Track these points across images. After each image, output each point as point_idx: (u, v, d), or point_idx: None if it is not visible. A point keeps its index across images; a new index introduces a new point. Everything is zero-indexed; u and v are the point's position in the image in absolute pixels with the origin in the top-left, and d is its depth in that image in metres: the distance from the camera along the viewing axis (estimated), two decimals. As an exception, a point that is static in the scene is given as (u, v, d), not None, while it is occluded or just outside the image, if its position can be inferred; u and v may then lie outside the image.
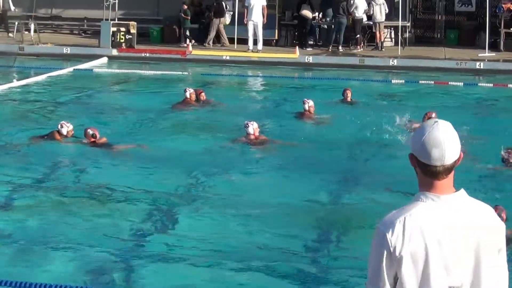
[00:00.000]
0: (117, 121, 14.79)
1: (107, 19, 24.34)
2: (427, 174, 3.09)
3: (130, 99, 17.53)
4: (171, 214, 9.47)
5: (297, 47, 23.29)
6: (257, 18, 23.28)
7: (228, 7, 24.78)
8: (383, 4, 23.75)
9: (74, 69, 21.12)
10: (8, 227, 8.81)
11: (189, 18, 25.16)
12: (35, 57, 23.07)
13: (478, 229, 3.05)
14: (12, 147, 12.57)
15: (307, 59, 22.56)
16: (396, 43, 24.08)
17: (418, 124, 12.92)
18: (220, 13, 24.55)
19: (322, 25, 25.52)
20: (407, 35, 25.29)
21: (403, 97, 18.14)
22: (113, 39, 23.39)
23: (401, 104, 17.07)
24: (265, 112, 16.18)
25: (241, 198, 10.05)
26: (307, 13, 24.61)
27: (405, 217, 3.04)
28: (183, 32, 25.33)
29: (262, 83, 20.94)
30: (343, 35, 23.97)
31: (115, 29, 23.53)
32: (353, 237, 8.64)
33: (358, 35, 24.07)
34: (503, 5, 23.61)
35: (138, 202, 9.80)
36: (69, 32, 28.38)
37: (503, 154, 11.20)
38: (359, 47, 24.00)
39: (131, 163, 11.63)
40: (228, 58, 22.79)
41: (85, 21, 27.93)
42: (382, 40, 24.20)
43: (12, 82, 19.08)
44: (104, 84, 19.81)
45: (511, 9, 23.71)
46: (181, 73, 20.89)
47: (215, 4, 24.63)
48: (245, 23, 23.39)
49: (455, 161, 3.08)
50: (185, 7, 25.16)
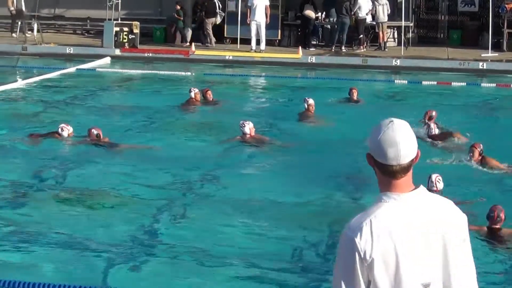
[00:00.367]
0: (119, 121, 14.78)
1: (110, 19, 24.33)
2: (385, 173, 3.08)
3: (133, 99, 17.52)
4: (171, 214, 9.47)
5: (300, 47, 23.30)
6: (260, 18, 23.26)
7: (220, 6, 24.73)
8: (386, 4, 23.75)
9: (77, 69, 21.12)
10: (8, 227, 8.82)
11: (182, 18, 25.11)
12: (38, 57, 23.09)
13: (439, 224, 3.05)
14: (14, 147, 12.57)
15: (310, 59, 22.55)
16: (399, 43, 24.10)
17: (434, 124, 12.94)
18: (211, 13, 24.52)
19: (325, 25, 25.51)
20: (410, 35, 25.27)
21: (406, 97, 18.12)
22: (116, 39, 23.40)
23: (404, 104, 17.05)
24: (267, 112, 16.18)
25: (239, 198, 10.03)
26: (310, 13, 24.60)
27: (370, 219, 3.01)
28: (173, 31, 25.29)
29: (264, 83, 20.94)
30: (346, 35, 23.98)
31: (118, 29, 23.54)
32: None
33: (361, 35, 24.06)
34: (506, 5, 23.58)
35: (138, 202, 9.80)
36: (72, 32, 28.39)
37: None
38: (362, 47, 24.00)
39: (134, 162, 11.62)
40: (231, 58, 22.80)
41: (88, 21, 27.96)
42: (385, 40, 24.20)
43: (15, 82, 19.09)
44: (107, 84, 19.80)
45: (514, 9, 23.70)
46: (184, 73, 20.90)
47: (205, 3, 24.59)
48: (248, 23, 23.40)
49: (412, 160, 3.07)
50: (178, 7, 25.11)
